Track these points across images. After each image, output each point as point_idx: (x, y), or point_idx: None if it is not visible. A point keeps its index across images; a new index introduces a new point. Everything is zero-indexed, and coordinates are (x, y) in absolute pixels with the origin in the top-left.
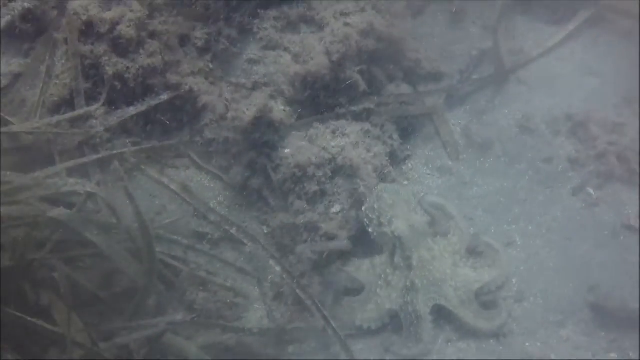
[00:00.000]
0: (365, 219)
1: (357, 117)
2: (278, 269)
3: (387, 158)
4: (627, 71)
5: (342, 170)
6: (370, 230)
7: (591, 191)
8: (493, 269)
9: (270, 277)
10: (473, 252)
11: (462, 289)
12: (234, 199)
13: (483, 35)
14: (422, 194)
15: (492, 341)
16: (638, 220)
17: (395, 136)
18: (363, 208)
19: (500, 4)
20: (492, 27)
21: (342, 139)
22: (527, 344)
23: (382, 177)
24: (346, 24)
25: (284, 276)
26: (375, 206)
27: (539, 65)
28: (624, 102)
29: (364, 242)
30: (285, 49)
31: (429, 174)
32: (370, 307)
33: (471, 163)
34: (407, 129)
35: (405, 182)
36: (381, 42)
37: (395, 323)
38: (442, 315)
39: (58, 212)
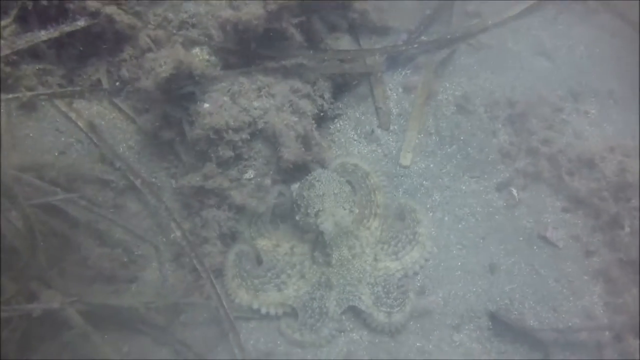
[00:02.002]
0: (294, 205)
1: (288, 73)
2: (179, 233)
3: (314, 122)
4: (579, 59)
5: (261, 134)
6: (297, 217)
7: (514, 191)
8: (415, 249)
9: (172, 236)
10: (399, 217)
11: (380, 284)
12: (145, 146)
13: None
14: (337, 158)
15: (385, 337)
16: (553, 234)
17: (327, 95)
18: (293, 192)
19: None
20: None
21: (267, 100)
22: (419, 344)
23: (305, 144)
24: None
25: (183, 243)
26: (305, 194)
27: (492, 35)
28: (569, 95)
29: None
30: None
31: (355, 140)
32: (274, 294)
33: (401, 135)
34: (341, 85)
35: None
36: None
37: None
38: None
39: None
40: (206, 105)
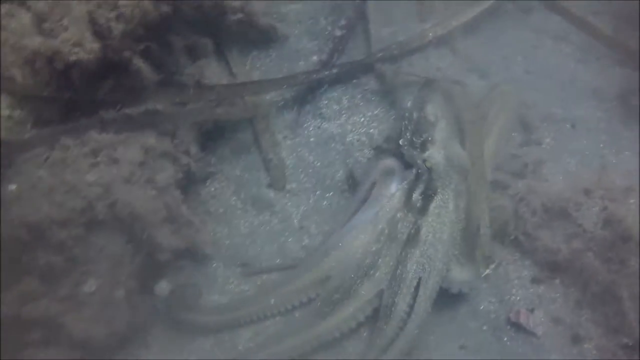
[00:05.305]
0: (402, 125)
1: (136, 124)
2: None
3: (179, 190)
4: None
5: (105, 222)
6: (400, 141)
7: None
8: None
9: None
10: None
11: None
12: None
13: None
14: None
15: None
16: (528, 317)
17: (194, 149)
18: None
19: None
20: None
21: (109, 168)
22: None
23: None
24: None
25: None
26: (415, 115)
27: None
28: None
29: None
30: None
31: (240, 209)
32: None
33: (303, 197)
34: (211, 132)
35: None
36: None
37: None
38: None
39: None
40: (12, 186)
